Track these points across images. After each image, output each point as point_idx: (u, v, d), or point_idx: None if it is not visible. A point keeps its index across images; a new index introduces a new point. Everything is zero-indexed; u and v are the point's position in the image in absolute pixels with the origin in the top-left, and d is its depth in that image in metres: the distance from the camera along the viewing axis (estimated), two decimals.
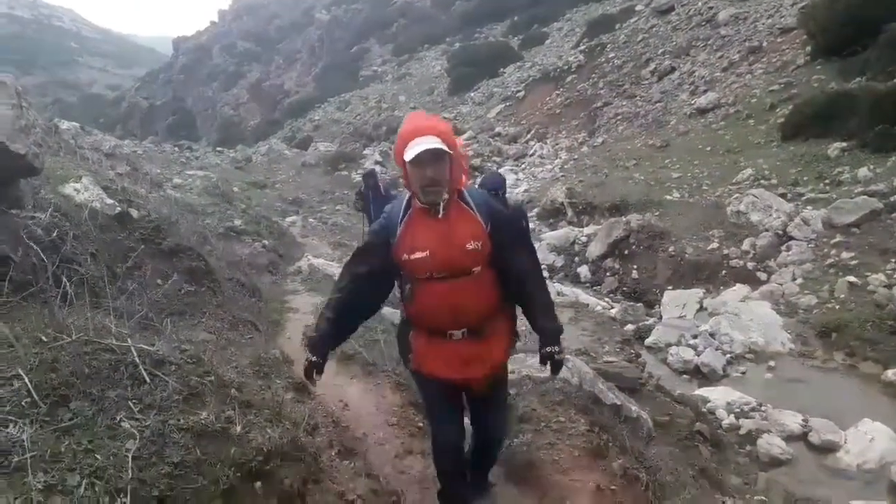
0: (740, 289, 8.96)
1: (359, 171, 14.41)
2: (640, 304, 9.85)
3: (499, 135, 25.78)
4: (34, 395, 1.85)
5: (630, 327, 8.55)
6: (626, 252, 11.03)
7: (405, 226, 2.44)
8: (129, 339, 2.25)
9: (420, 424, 3.82)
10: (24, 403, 1.82)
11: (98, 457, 1.73)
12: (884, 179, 10.01)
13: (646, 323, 8.69)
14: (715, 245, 10.12)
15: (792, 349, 7.26)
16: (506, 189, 5.36)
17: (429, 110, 33.74)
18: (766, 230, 9.83)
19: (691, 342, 7.68)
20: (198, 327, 3.77)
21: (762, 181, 11.94)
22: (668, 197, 12.77)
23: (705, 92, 18.92)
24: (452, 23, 48.74)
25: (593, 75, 25.77)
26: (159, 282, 3.92)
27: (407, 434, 3.72)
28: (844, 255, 8.59)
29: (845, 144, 11.83)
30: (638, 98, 22.18)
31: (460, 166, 2.44)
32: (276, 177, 21.17)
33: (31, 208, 3.15)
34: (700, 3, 25.52)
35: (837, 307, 7.72)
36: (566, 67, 27.80)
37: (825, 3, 15.87)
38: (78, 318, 2.32)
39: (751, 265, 9.46)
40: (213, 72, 67.45)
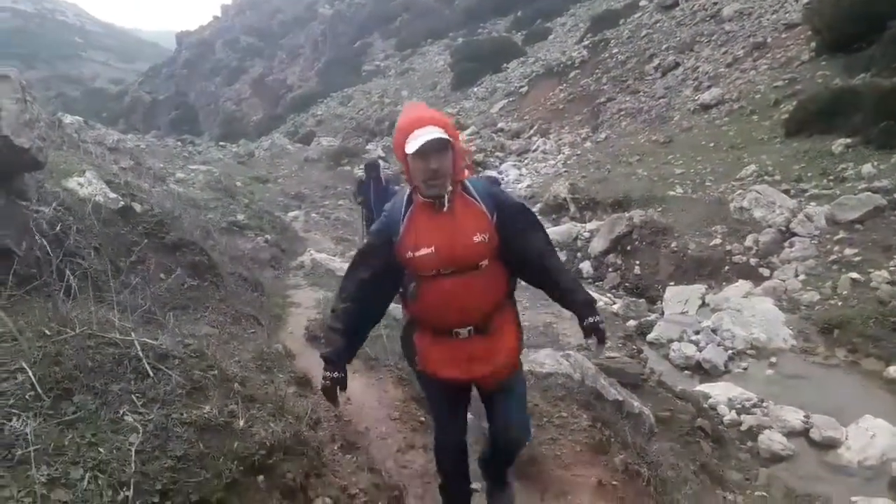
0: (743, 285, 8.93)
1: (360, 166, 14.42)
2: (642, 300, 9.85)
3: (502, 130, 25.74)
4: (38, 389, 1.86)
5: (632, 323, 8.56)
6: (628, 248, 11.02)
7: (408, 222, 2.33)
8: (132, 333, 2.26)
9: (422, 419, 3.83)
10: (27, 397, 1.83)
11: (101, 450, 1.74)
12: (887, 176, 9.98)
13: (648, 319, 8.69)
14: (717, 241, 10.10)
15: (794, 345, 7.25)
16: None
17: (431, 105, 33.36)
18: (769, 226, 9.80)
19: (693, 338, 7.68)
20: (200, 321, 3.78)
21: (765, 177, 11.90)
22: (671, 193, 12.74)
23: (709, 88, 18.86)
24: (456, 18, 48.73)
25: (597, 71, 25.70)
26: (162, 276, 3.93)
27: (409, 428, 3.72)
28: (847, 251, 8.57)
29: (849, 141, 11.78)
30: (641, 94, 22.13)
31: (462, 156, 2.35)
32: (279, 172, 21.16)
33: (35, 202, 3.15)
34: None
35: (840, 304, 7.71)
36: (569, 63, 27.74)
37: None
38: (81, 311, 2.33)
39: (753, 261, 9.43)
40: (216, 66, 67.48)
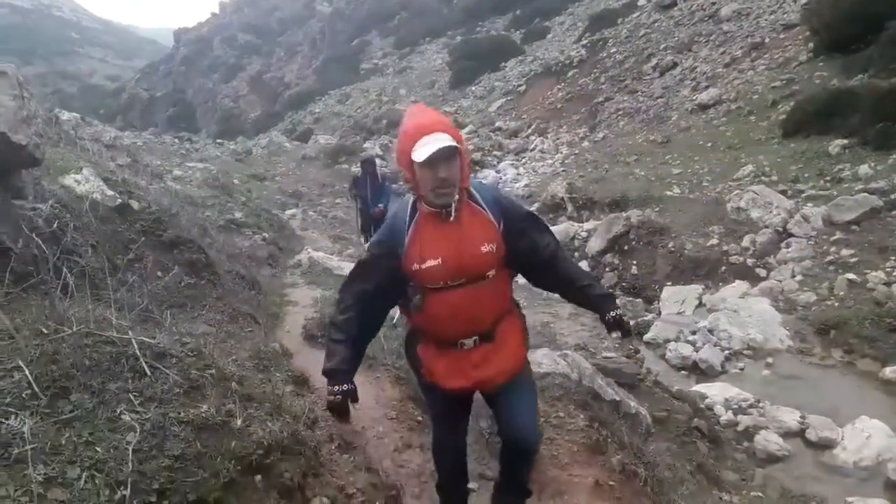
0: (739, 285, 8.94)
1: (357, 164, 14.44)
2: (639, 300, 9.85)
3: (499, 129, 25.73)
4: (34, 387, 1.85)
5: (630, 323, 8.56)
6: (625, 248, 11.02)
7: (413, 233, 2.25)
8: (129, 332, 2.26)
9: (419, 418, 3.83)
10: (24, 395, 1.82)
11: (98, 449, 1.73)
12: (884, 177, 9.99)
13: (645, 319, 8.69)
14: (714, 241, 10.11)
15: (790, 346, 7.26)
16: None
17: (430, 104, 33.57)
18: (766, 227, 9.81)
19: (690, 338, 7.68)
20: (198, 320, 3.78)
21: (763, 178, 11.91)
22: (669, 193, 12.74)
23: (707, 88, 18.87)
24: (454, 16, 48.73)
25: (595, 70, 25.70)
26: (160, 274, 3.92)
27: (406, 428, 3.73)
28: (844, 252, 8.58)
29: (846, 142, 11.80)
30: (639, 93, 22.13)
31: (467, 162, 2.28)
32: (276, 169, 21.15)
33: (31, 199, 3.14)
34: None
35: (836, 304, 7.72)
36: (568, 62, 27.74)
37: None
38: (79, 309, 2.32)
39: (750, 262, 9.44)
40: (214, 64, 67.34)
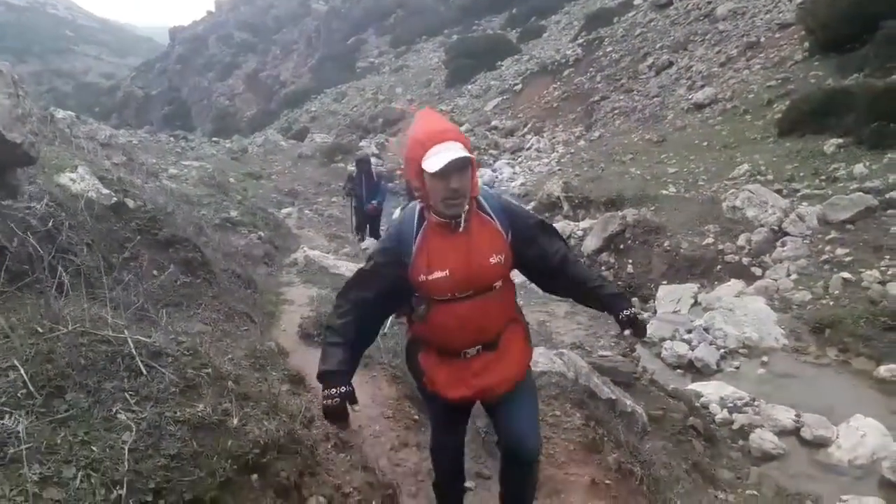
0: (735, 284, 8.96)
1: (352, 163, 14.46)
2: (635, 299, 9.84)
3: (495, 128, 25.73)
4: (30, 387, 1.84)
5: None
6: (621, 247, 11.03)
7: (420, 242, 2.20)
8: (125, 331, 2.25)
9: (415, 417, 3.83)
10: (19, 395, 1.81)
11: (94, 449, 1.73)
12: (879, 176, 10.02)
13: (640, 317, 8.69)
14: (710, 240, 10.12)
15: (785, 344, 7.28)
16: None
17: (426, 102, 33.65)
18: (762, 226, 9.83)
19: (685, 337, 7.69)
20: (193, 319, 3.77)
21: (758, 177, 11.94)
22: (664, 192, 12.76)
23: (702, 87, 18.90)
24: (450, 15, 48.71)
25: (591, 69, 25.72)
26: (155, 273, 3.91)
27: (402, 427, 3.72)
28: (839, 251, 8.60)
29: (841, 141, 11.83)
30: (635, 92, 22.15)
31: (477, 171, 2.22)
32: (272, 168, 21.10)
33: (26, 198, 3.13)
34: None
35: (831, 303, 7.74)
36: (564, 61, 27.76)
37: None
38: (74, 308, 2.32)
39: (745, 260, 9.46)
40: (210, 62, 67.22)
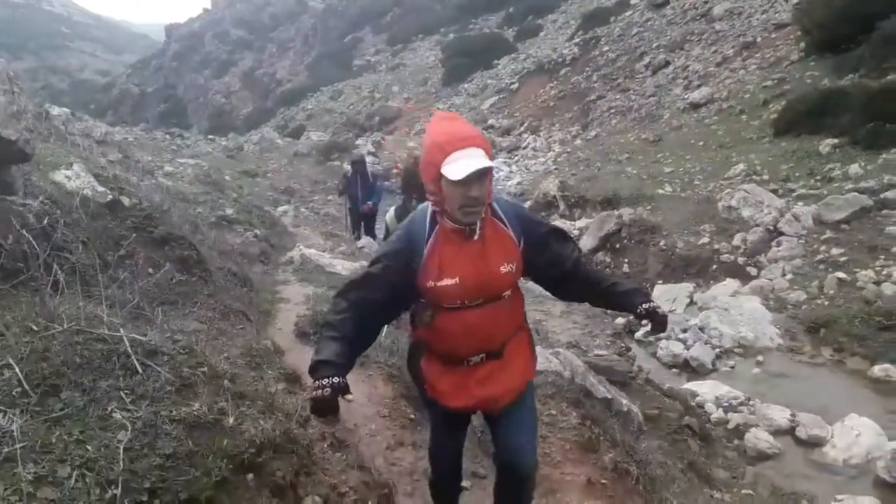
0: (730, 283, 8.98)
1: (347, 162, 14.48)
2: None
3: (492, 127, 25.74)
4: (24, 385, 1.83)
5: (620, 321, 8.56)
6: (617, 246, 11.04)
7: (432, 247, 2.13)
8: (120, 329, 2.23)
9: (412, 416, 3.82)
10: (14, 393, 1.80)
11: (89, 448, 1.72)
12: (874, 176, 10.06)
13: None
14: (706, 240, 10.15)
15: (780, 344, 7.30)
16: None
17: (422, 101, 33.71)
18: (757, 225, 9.85)
19: (681, 336, 7.70)
20: (189, 317, 3.75)
21: (754, 176, 11.97)
22: (660, 191, 12.78)
23: (699, 86, 18.95)
24: (447, 13, 48.71)
25: (587, 68, 25.76)
26: (151, 271, 3.89)
27: (398, 426, 3.71)
28: (834, 251, 8.63)
29: (837, 141, 11.87)
30: (631, 92, 22.19)
31: (492, 178, 2.15)
32: (268, 166, 21.07)
33: (21, 195, 3.11)
34: None
35: (826, 303, 7.77)
36: (560, 60, 27.79)
37: None
38: (69, 306, 2.30)
39: (741, 260, 9.48)
40: (206, 59, 67.04)
